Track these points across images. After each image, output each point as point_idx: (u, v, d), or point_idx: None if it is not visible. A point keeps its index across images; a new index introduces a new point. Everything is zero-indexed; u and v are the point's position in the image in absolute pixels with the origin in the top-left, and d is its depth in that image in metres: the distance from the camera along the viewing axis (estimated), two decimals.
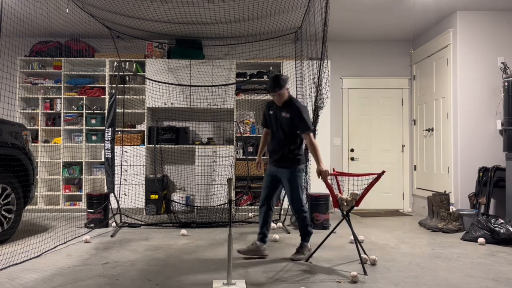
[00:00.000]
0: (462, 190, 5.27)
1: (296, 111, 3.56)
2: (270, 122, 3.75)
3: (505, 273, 3.22)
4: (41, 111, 6.24)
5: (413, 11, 5.36)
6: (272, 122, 3.72)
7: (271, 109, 3.73)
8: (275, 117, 3.68)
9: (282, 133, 3.63)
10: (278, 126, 3.65)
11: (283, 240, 4.36)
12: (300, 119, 3.54)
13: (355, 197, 3.49)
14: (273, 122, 3.71)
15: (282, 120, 3.61)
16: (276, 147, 3.67)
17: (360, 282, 2.97)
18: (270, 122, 3.76)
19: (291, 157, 3.62)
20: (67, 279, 3.02)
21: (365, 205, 6.65)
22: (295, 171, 3.61)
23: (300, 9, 4.99)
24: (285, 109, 3.61)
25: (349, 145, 6.76)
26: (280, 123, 3.63)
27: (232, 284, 2.84)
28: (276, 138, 3.68)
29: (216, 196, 6.00)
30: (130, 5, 4.90)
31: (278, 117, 3.65)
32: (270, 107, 3.76)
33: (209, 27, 5.86)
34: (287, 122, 3.59)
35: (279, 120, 3.64)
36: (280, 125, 3.63)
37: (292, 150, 3.62)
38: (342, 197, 3.53)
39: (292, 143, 3.61)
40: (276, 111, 3.68)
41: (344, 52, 6.77)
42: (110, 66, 6.21)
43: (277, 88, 3.52)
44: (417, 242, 4.35)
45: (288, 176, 3.61)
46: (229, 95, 6.16)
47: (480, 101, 5.33)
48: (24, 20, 5.32)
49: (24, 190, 4.36)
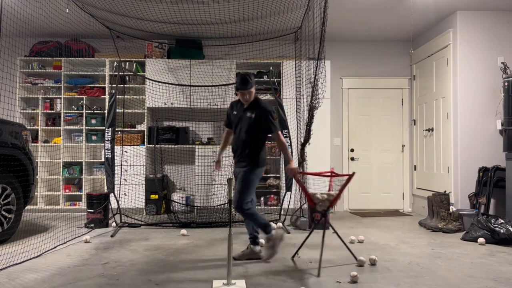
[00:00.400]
0: (462, 190, 5.27)
1: (263, 111, 3.50)
2: (233, 122, 3.67)
3: (505, 273, 3.22)
4: (41, 111, 6.24)
5: (413, 11, 5.36)
6: (235, 122, 3.64)
7: (235, 109, 3.67)
8: (239, 117, 3.60)
9: (245, 134, 3.54)
10: (242, 126, 3.57)
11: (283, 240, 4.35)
12: (268, 119, 3.49)
13: (329, 197, 3.49)
14: (236, 122, 3.63)
15: (247, 120, 3.53)
16: (238, 148, 3.59)
17: (360, 282, 2.98)
18: (233, 122, 3.68)
19: (251, 157, 3.52)
20: (67, 279, 3.02)
21: (365, 205, 6.69)
22: (251, 170, 3.51)
23: (299, 9, 4.99)
24: (250, 109, 3.54)
25: (349, 145, 6.76)
26: (244, 123, 3.55)
27: (232, 284, 2.84)
28: (239, 138, 3.58)
29: (216, 196, 6.00)
30: (130, 5, 4.90)
31: (243, 117, 3.57)
32: (233, 106, 3.71)
33: (209, 27, 5.86)
34: (252, 122, 3.51)
35: (243, 120, 3.56)
36: (244, 125, 3.55)
37: (253, 151, 3.53)
38: (317, 197, 3.52)
39: (254, 144, 3.53)
40: (240, 111, 3.61)
41: (344, 52, 6.77)
42: (110, 66, 6.21)
43: (250, 86, 3.48)
44: (417, 242, 4.35)
45: (242, 174, 3.52)
46: (229, 95, 6.16)
47: (480, 101, 5.33)
48: (24, 20, 5.32)
49: (24, 190, 4.36)
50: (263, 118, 3.50)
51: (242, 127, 3.56)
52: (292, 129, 5.59)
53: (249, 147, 3.53)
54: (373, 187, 6.72)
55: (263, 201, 6.22)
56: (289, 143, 5.24)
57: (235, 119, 3.65)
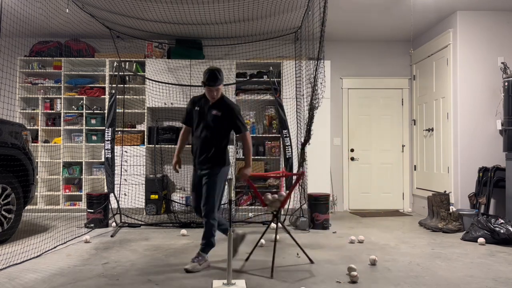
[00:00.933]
0: (462, 190, 5.27)
1: (230, 110, 3.34)
2: (195, 119, 3.42)
3: (505, 273, 3.22)
4: (41, 111, 6.24)
5: (413, 11, 5.36)
6: (197, 119, 3.40)
7: (197, 105, 3.42)
8: (203, 114, 3.37)
9: (210, 132, 3.33)
10: (206, 124, 3.35)
11: (283, 240, 4.36)
12: (236, 118, 3.35)
13: (280, 198, 3.47)
14: (199, 119, 3.39)
15: (212, 118, 3.33)
16: (201, 147, 3.36)
17: (360, 282, 2.98)
18: (194, 120, 3.43)
19: (216, 158, 3.34)
20: (67, 279, 3.02)
21: (365, 205, 6.69)
22: (218, 172, 3.33)
23: (299, 9, 4.99)
24: (217, 107, 3.35)
25: (349, 145, 6.76)
26: (208, 121, 3.34)
27: (232, 284, 2.84)
28: (202, 137, 3.35)
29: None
30: (130, 5, 4.90)
31: (207, 114, 3.35)
32: (195, 103, 3.45)
33: (209, 27, 5.86)
34: (218, 120, 3.33)
35: (208, 118, 3.34)
36: (209, 124, 3.34)
37: (218, 150, 3.35)
38: (267, 198, 3.49)
39: (220, 143, 3.36)
40: (204, 108, 3.38)
41: (344, 52, 6.77)
42: (110, 66, 6.21)
43: (219, 82, 3.29)
44: (417, 242, 4.35)
45: (208, 177, 3.32)
46: (229, 95, 6.15)
47: (480, 101, 5.33)
48: (24, 20, 5.32)
49: (24, 190, 4.36)
50: (232, 117, 3.34)
51: (207, 125, 3.35)
52: (292, 129, 5.59)
53: (214, 147, 3.33)
54: (373, 187, 6.72)
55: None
56: (288, 143, 5.24)
57: (197, 116, 3.40)
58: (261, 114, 6.54)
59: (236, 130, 3.40)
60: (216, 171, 3.33)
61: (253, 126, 6.36)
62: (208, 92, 3.34)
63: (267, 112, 6.42)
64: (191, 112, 3.47)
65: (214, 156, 3.34)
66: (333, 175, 6.51)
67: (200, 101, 3.44)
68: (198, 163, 3.39)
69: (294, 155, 5.37)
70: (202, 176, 3.37)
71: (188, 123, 3.53)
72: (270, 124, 6.37)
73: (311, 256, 3.67)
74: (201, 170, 3.37)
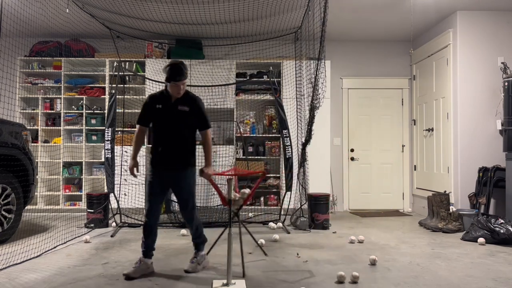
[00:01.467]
0: (462, 190, 5.27)
1: (196, 105, 3.19)
2: (157, 118, 3.19)
3: (505, 273, 3.22)
4: (41, 111, 6.24)
5: (413, 11, 5.36)
6: (161, 118, 3.17)
7: (159, 103, 3.18)
8: (167, 112, 3.16)
9: (177, 130, 3.15)
10: (172, 122, 3.15)
11: (283, 240, 4.36)
12: (201, 114, 3.20)
13: (243, 196, 3.43)
14: (163, 117, 3.17)
15: (180, 114, 3.14)
16: (169, 147, 3.16)
17: (360, 282, 2.97)
18: (156, 118, 3.20)
19: (187, 158, 3.19)
20: (67, 279, 3.02)
21: (365, 205, 6.69)
22: (190, 174, 3.20)
23: (300, 9, 4.99)
24: (182, 102, 3.17)
25: (349, 145, 6.75)
26: (175, 118, 3.15)
27: (232, 284, 2.84)
28: (167, 136, 3.15)
29: (216, 196, 5.99)
30: (130, 5, 4.90)
31: (173, 111, 3.15)
32: (156, 100, 3.20)
33: (209, 27, 5.86)
34: (185, 116, 3.15)
35: (174, 115, 3.15)
36: (176, 121, 3.15)
37: (188, 150, 3.21)
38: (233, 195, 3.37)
39: (188, 142, 3.20)
40: (168, 104, 3.17)
41: (344, 52, 6.77)
42: (110, 66, 6.21)
43: (184, 77, 3.10)
44: (417, 242, 4.35)
45: (182, 180, 3.16)
46: (229, 95, 6.16)
47: (480, 101, 5.33)
48: (24, 20, 5.32)
49: (24, 190, 4.36)
50: (199, 112, 3.19)
51: (173, 123, 3.15)
52: (292, 129, 5.59)
53: (184, 146, 3.18)
54: (373, 187, 6.72)
55: (263, 201, 6.22)
56: (288, 143, 5.24)
57: (160, 114, 3.17)
58: (261, 114, 6.54)
59: (201, 126, 3.23)
60: (189, 172, 3.20)
61: (253, 126, 6.36)
62: (173, 89, 3.12)
63: (267, 112, 6.42)
64: (150, 110, 3.20)
65: (185, 156, 3.19)
66: (333, 175, 6.52)
67: (160, 98, 3.21)
68: (165, 165, 3.17)
69: (294, 155, 5.37)
70: (170, 179, 3.18)
71: (145, 123, 3.25)
72: (270, 124, 6.37)
73: (311, 256, 3.68)
74: (169, 171, 3.17)
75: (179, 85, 3.10)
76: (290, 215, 5.36)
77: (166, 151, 3.16)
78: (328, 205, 5.11)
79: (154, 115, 3.20)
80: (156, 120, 3.21)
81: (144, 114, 3.24)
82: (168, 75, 3.08)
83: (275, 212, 5.77)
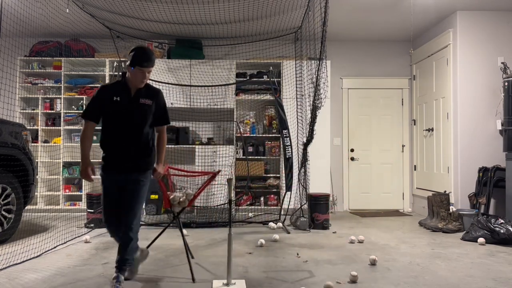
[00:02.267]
0: (462, 190, 5.27)
1: (160, 98, 2.87)
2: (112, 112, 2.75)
3: (505, 273, 3.22)
4: (41, 111, 6.24)
5: (413, 11, 5.36)
6: (118, 112, 2.75)
7: (117, 95, 2.74)
8: (126, 105, 2.75)
9: (138, 127, 2.77)
10: (132, 117, 2.76)
11: (283, 240, 4.36)
12: (164, 108, 2.90)
13: (188, 197, 3.36)
14: (120, 112, 2.75)
15: (141, 108, 2.77)
16: (127, 146, 2.76)
17: (360, 282, 2.97)
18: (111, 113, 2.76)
19: (147, 159, 2.85)
20: (67, 279, 3.02)
21: (365, 205, 6.69)
22: (147, 178, 2.85)
23: (300, 9, 4.99)
24: (145, 95, 2.80)
25: (349, 145, 6.75)
26: (135, 113, 2.76)
27: (232, 284, 2.84)
28: (127, 133, 2.76)
29: (216, 196, 6.00)
30: (130, 5, 4.90)
31: (134, 105, 2.76)
32: (112, 91, 2.76)
33: (209, 27, 5.86)
34: (147, 111, 2.79)
35: (135, 109, 2.76)
36: (136, 116, 2.77)
37: (149, 149, 2.85)
38: (175, 197, 3.33)
39: (149, 139, 2.85)
40: (127, 97, 2.76)
41: (344, 52, 6.77)
42: (110, 66, 6.21)
43: (152, 63, 2.73)
44: (417, 242, 4.35)
45: (138, 182, 2.77)
46: (229, 95, 6.16)
47: (480, 101, 5.33)
48: (24, 20, 5.32)
49: (24, 190, 4.36)
50: (161, 106, 2.87)
51: (133, 118, 2.76)
52: (292, 129, 5.59)
53: (144, 143, 2.81)
54: (373, 187, 6.72)
55: (263, 201, 6.22)
56: (288, 143, 5.24)
57: (117, 108, 2.74)
58: (261, 114, 6.54)
59: (162, 121, 2.91)
60: (146, 175, 2.84)
61: (253, 126, 6.36)
62: (137, 76, 2.72)
63: (267, 112, 6.42)
64: (104, 103, 2.75)
65: (145, 156, 2.83)
66: (333, 175, 6.52)
67: (117, 89, 2.77)
68: (121, 166, 2.78)
69: (294, 155, 5.37)
70: (126, 182, 2.77)
71: (97, 118, 2.78)
72: (270, 124, 6.37)
73: (311, 256, 3.68)
74: (125, 174, 2.78)
75: (145, 72, 2.72)
76: (290, 215, 5.37)
77: (123, 150, 2.77)
78: (328, 205, 5.11)
79: (110, 109, 2.74)
80: (111, 115, 2.76)
81: (96, 107, 2.76)
82: (134, 59, 2.68)
83: (275, 212, 5.78)
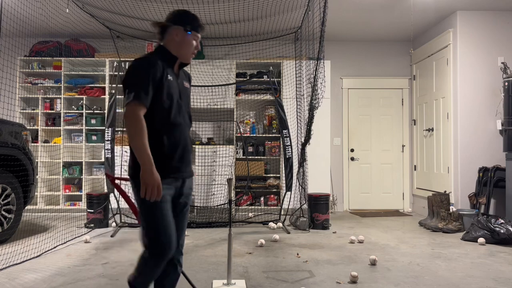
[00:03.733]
0: (462, 190, 5.27)
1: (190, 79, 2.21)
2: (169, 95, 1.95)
3: (505, 273, 3.22)
4: (41, 111, 6.24)
5: (413, 11, 5.36)
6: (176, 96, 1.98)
7: (169, 72, 1.96)
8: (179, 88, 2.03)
9: (188, 117, 2.09)
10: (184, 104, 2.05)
11: (283, 240, 4.36)
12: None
13: None
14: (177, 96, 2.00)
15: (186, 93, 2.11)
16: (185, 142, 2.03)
17: (360, 282, 2.97)
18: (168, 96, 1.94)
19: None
20: (67, 279, 3.02)
21: (365, 205, 6.69)
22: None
23: (299, 9, 4.99)
24: (183, 76, 2.13)
25: (349, 145, 6.75)
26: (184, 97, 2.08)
27: (232, 284, 2.84)
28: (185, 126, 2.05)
29: (216, 196, 6.00)
30: (130, 5, 4.90)
31: (181, 88, 2.05)
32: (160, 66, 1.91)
33: (209, 27, 5.86)
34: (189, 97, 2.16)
35: (184, 95, 2.07)
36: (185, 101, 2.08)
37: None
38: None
39: None
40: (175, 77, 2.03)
41: (344, 52, 6.77)
42: (110, 66, 6.21)
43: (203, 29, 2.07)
44: (417, 242, 4.35)
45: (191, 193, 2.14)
46: (229, 95, 6.16)
47: (480, 101, 5.33)
48: (24, 20, 5.32)
49: (24, 190, 4.37)
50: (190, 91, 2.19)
51: (184, 106, 2.06)
52: (292, 129, 5.59)
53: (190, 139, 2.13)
54: (373, 187, 6.72)
55: (263, 201, 6.22)
56: (288, 143, 5.24)
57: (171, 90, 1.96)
58: (261, 114, 6.54)
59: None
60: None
61: (253, 126, 6.36)
62: (189, 47, 2.01)
63: (267, 112, 6.42)
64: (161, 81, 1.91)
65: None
66: (333, 175, 6.52)
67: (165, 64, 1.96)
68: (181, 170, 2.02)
69: (294, 155, 5.37)
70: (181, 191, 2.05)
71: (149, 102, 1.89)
72: (270, 124, 6.37)
73: (311, 256, 3.67)
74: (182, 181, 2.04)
75: (196, 40, 2.03)
76: (290, 215, 5.36)
77: (183, 148, 2.02)
78: (328, 205, 5.11)
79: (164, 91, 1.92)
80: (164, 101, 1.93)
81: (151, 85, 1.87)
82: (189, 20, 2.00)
83: (275, 212, 5.78)
